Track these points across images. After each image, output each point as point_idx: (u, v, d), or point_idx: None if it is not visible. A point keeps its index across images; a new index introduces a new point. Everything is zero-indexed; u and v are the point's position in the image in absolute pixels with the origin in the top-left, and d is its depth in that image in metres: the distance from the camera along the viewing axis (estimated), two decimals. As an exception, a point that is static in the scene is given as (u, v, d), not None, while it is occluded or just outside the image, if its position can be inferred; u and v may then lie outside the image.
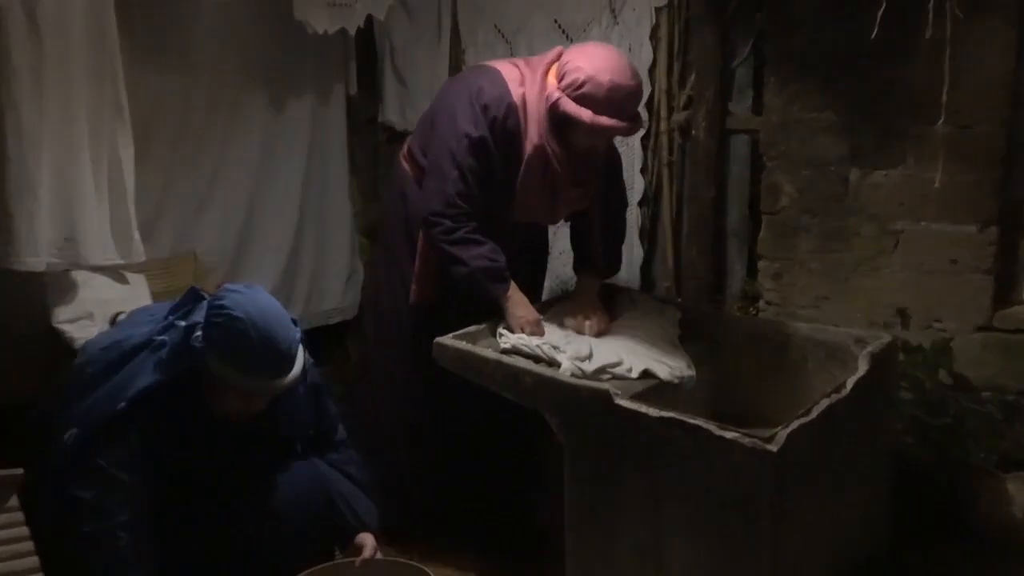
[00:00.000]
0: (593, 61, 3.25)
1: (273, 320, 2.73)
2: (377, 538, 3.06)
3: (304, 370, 2.84)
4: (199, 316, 2.75)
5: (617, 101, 3.23)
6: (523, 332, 3.25)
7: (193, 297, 2.86)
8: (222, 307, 2.70)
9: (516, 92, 3.34)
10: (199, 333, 2.70)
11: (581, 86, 3.22)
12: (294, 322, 2.83)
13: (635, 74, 3.29)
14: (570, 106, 3.24)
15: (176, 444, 2.76)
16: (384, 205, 3.84)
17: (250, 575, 2.87)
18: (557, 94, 3.27)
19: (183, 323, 2.76)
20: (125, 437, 2.69)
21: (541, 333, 3.27)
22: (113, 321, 3.05)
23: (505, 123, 3.32)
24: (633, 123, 3.36)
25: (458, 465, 3.60)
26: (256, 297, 2.76)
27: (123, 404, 2.68)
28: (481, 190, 3.33)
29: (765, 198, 4.01)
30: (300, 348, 2.82)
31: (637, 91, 3.32)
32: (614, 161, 3.69)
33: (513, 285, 3.33)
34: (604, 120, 3.22)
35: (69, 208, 3.49)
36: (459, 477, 3.61)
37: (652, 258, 4.37)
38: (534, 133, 3.34)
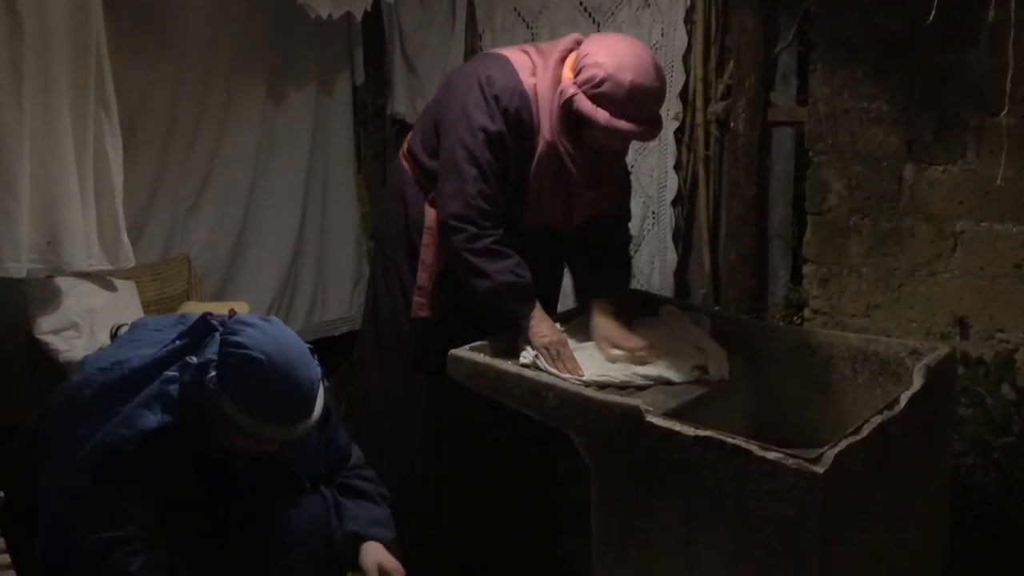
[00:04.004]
0: (614, 57, 3.21)
1: (295, 360, 2.68)
2: (391, 549, 3.01)
3: (324, 409, 2.82)
4: (212, 352, 2.69)
5: (637, 103, 3.21)
6: (547, 353, 3.23)
7: (204, 326, 2.79)
8: (238, 344, 2.65)
9: (528, 82, 3.33)
10: (213, 374, 2.65)
11: (600, 84, 3.19)
12: (312, 352, 2.78)
13: (659, 74, 3.27)
14: (586, 105, 3.22)
15: (178, 477, 2.77)
16: (382, 207, 3.82)
17: None
18: (572, 89, 3.24)
19: (195, 360, 2.70)
20: (131, 476, 2.68)
21: (567, 356, 3.25)
22: (113, 335, 3.04)
23: (518, 115, 3.31)
24: (652, 127, 3.34)
25: (472, 492, 3.62)
26: (275, 333, 2.70)
27: (132, 445, 2.67)
28: (501, 190, 3.33)
29: (811, 196, 4.01)
30: (321, 387, 2.78)
31: (660, 93, 3.30)
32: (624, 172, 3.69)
33: (538, 304, 3.32)
34: (622, 124, 3.21)
35: (52, 209, 3.53)
36: (474, 504, 3.63)
37: (687, 263, 4.39)
38: (546, 128, 3.33)
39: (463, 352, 3.21)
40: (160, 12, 4.21)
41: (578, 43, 3.39)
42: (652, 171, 4.31)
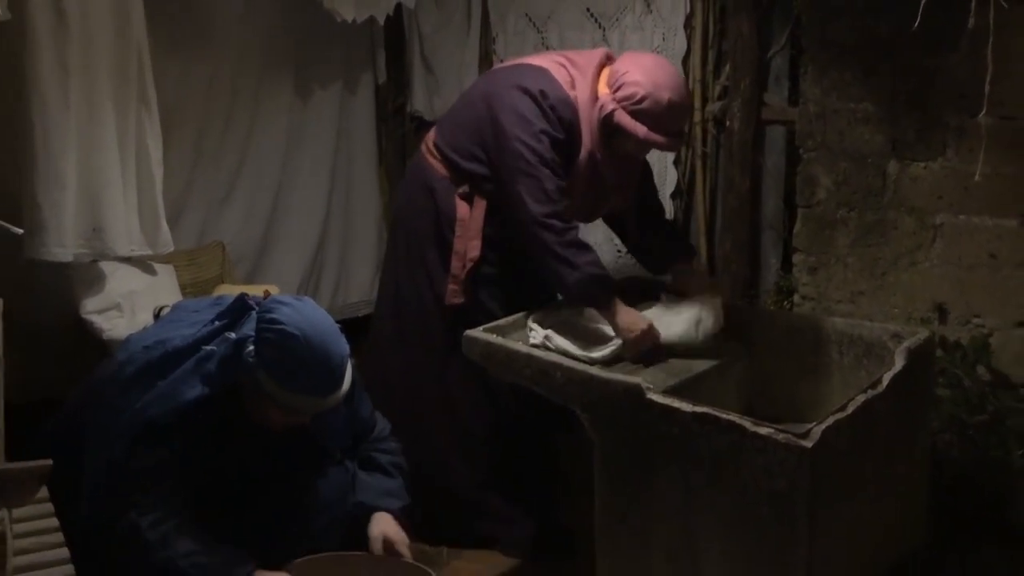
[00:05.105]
0: (651, 76, 3.27)
1: (327, 336, 2.70)
2: (399, 518, 3.00)
3: (352, 383, 2.82)
4: (249, 329, 2.70)
5: (672, 119, 3.30)
6: (640, 344, 3.24)
7: (241, 306, 2.80)
8: (274, 321, 2.66)
9: (570, 94, 3.36)
10: (251, 348, 2.66)
11: (640, 102, 3.25)
12: (341, 330, 2.79)
13: (688, 91, 3.37)
14: (625, 119, 3.28)
15: (214, 447, 2.77)
16: (404, 200, 3.76)
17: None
18: (612, 105, 3.30)
19: (233, 335, 2.72)
20: (164, 446, 2.69)
21: (655, 341, 3.27)
22: (156, 316, 3.04)
23: (570, 125, 3.35)
24: (681, 139, 3.47)
25: (487, 462, 3.61)
26: (308, 311, 2.72)
27: (170, 417, 2.68)
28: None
29: (801, 191, 4.00)
30: (349, 362, 2.79)
31: (690, 109, 3.44)
32: (646, 166, 3.75)
33: (615, 296, 3.33)
34: (657, 137, 3.29)
35: (97, 198, 3.53)
36: (487, 474, 3.62)
37: (685, 251, 4.37)
38: (587, 138, 3.37)
39: (477, 333, 3.21)
40: (197, 16, 4.21)
41: (608, 58, 3.43)
42: (653, 166, 4.27)
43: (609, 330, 3.33)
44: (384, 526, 2.96)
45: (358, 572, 2.87)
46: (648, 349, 3.27)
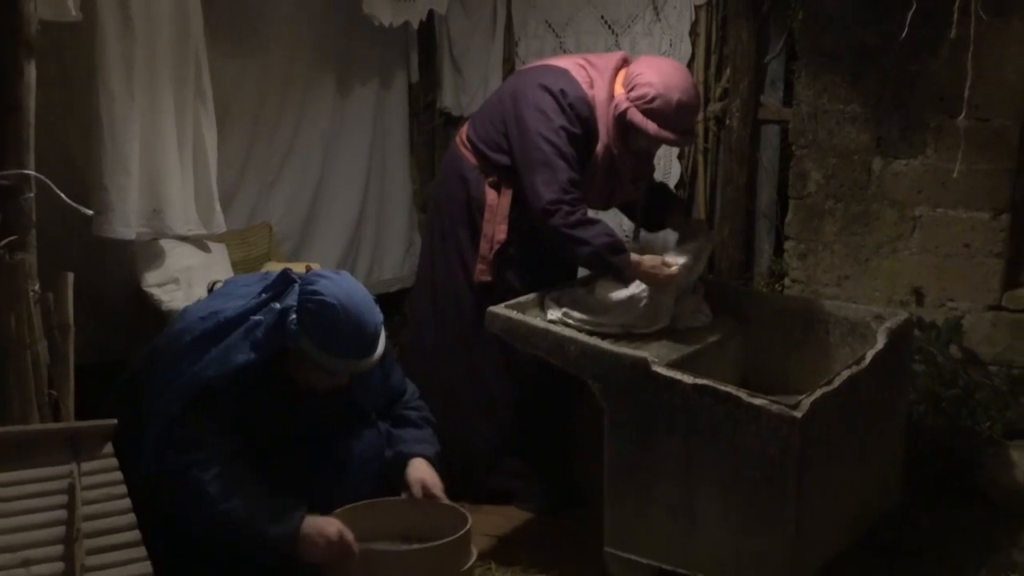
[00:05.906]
0: (663, 78, 3.25)
1: (362, 305, 2.69)
2: (433, 463, 2.96)
3: (385, 351, 2.81)
4: (292, 300, 2.70)
5: (681, 117, 3.28)
6: (658, 276, 3.25)
7: (285, 279, 2.80)
8: (315, 292, 2.66)
9: (588, 93, 3.34)
10: (293, 316, 2.66)
11: (652, 101, 3.24)
12: (376, 300, 2.78)
13: (697, 92, 3.34)
14: (637, 117, 3.26)
15: (260, 410, 2.77)
16: (439, 187, 3.76)
17: None
18: (626, 104, 3.28)
19: (278, 306, 2.71)
20: (218, 407, 2.69)
21: (666, 275, 3.27)
22: (210, 289, 3.04)
23: (587, 122, 3.33)
24: (690, 136, 3.44)
25: (508, 425, 3.60)
26: (344, 283, 2.72)
27: (222, 380, 2.68)
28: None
29: (793, 184, 3.98)
30: (382, 329, 2.78)
31: (698, 109, 3.39)
32: None
33: (628, 251, 3.32)
34: (667, 134, 3.28)
35: (157, 183, 3.53)
36: (508, 436, 3.62)
37: (687, 238, 4.35)
38: (603, 134, 3.35)
39: (499, 309, 3.20)
40: (249, 18, 4.18)
41: (624, 61, 3.41)
42: (659, 160, 4.25)
43: (615, 303, 3.32)
44: (420, 472, 2.93)
45: (398, 516, 2.86)
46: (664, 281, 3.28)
